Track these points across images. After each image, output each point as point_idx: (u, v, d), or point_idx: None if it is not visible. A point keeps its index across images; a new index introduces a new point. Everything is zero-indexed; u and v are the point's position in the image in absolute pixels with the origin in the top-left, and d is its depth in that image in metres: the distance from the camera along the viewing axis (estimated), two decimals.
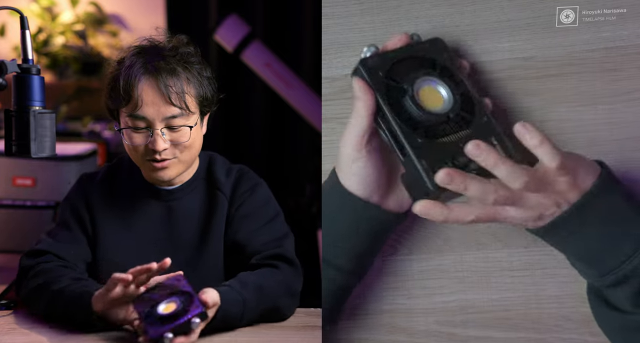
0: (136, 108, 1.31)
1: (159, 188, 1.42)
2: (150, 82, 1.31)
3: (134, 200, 1.43)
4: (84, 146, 2.56)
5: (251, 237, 1.39)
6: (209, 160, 1.47)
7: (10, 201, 2.13)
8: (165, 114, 1.31)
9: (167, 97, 1.30)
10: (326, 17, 1.07)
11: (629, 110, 1.04)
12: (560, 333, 1.04)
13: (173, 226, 1.42)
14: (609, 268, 0.97)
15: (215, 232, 1.41)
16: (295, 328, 1.29)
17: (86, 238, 1.41)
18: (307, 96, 2.55)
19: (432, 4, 1.06)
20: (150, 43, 1.38)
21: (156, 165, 1.34)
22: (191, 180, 1.43)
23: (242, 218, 1.42)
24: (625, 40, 1.02)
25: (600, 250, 0.98)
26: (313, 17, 2.89)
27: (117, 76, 1.33)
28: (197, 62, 1.37)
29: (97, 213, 1.42)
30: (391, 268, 1.11)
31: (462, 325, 1.09)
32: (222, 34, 2.55)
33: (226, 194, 1.42)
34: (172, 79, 1.32)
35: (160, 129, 1.32)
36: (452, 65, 1.02)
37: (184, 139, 1.33)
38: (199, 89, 1.36)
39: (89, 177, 1.47)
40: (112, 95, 1.34)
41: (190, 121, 1.34)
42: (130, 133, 1.33)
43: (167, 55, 1.34)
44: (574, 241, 0.98)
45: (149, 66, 1.32)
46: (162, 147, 1.32)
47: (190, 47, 1.39)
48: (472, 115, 1.00)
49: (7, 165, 2.12)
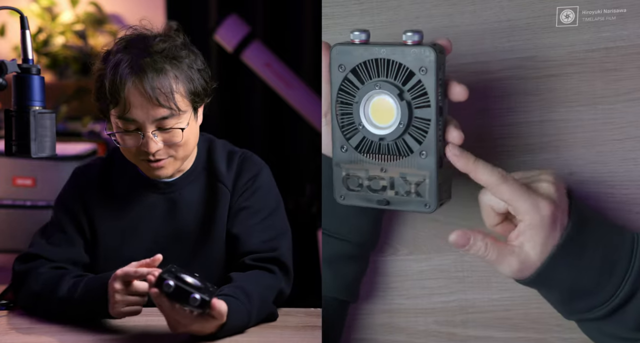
0: (125, 111, 1.27)
1: (157, 181, 1.38)
2: (136, 84, 1.26)
3: (131, 194, 1.39)
4: (84, 146, 2.57)
5: (249, 232, 1.37)
6: (209, 147, 1.42)
7: (10, 201, 2.13)
8: (155, 116, 1.27)
9: (154, 99, 1.26)
10: (326, 17, 1.07)
11: (629, 110, 1.04)
12: (561, 333, 1.04)
13: (175, 219, 1.39)
14: (602, 301, 0.95)
15: (218, 226, 1.38)
16: (295, 328, 1.29)
17: (82, 239, 1.38)
18: (307, 96, 2.55)
19: (432, 4, 1.06)
20: (137, 34, 1.33)
21: (152, 165, 1.31)
22: (191, 171, 1.40)
23: (242, 210, 1.39)
24: (626, 40, 1.02)
25: (589, 283, 0.95)
26: (313, 17, 2.89)
27: (103, 76, 1.28)
28: (186, 54, 1.32)
29: (94, 210, 1.39)
30: (391, 268, 1.11)
31: (462, 325, 1.09)
32: (222, 34, 2.55)
33: (228, 186, 1.39)
34: (159, 78, 1.26)
35: (152, 131, 1.28)
36: (428, 83, 0.93)
37: (177, 139, 1.30)
38: (189, 85, 1.30)
39: (83, 171, 1.43)
40: (99, 95, 1.30)
41: (182, 121, 1.30)
42: (122, 135, 1.30)
43: (154, 51, 1.28)
44: (574, 270, 0.95)
45: (135, 66, 1.26)
46: (155, 148, 1.29)
47: (179, 37, 1.33)
48: (418, 144, 0.95)
49: (7, 165, 2.12)
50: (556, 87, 1.05)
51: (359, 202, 1.00)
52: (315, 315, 1.33)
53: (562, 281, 0.96)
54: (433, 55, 0.92)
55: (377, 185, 0.98)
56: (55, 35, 3.35)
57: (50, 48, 3.34)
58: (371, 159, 0.98)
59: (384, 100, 0.96)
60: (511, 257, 0.95)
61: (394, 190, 0.97)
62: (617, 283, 0.95)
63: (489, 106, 1.06)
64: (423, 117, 0.94)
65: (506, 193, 0.94)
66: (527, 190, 0.94)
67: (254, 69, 2.58)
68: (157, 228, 1.39)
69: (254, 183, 1.40)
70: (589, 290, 0.96)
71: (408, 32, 0.93)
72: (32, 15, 3.29)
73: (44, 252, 1.36)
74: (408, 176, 0.96)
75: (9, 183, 2.19)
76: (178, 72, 1.29)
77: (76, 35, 3.37)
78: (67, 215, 1.39)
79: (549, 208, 0.93)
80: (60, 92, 3.25)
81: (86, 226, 1.39)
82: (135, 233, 1.38)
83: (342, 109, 0.98)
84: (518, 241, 0.95)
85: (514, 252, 0.95)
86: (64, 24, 3.35)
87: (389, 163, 0.97)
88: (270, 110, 2.97)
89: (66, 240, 1.38)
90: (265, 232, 1.38)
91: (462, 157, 0.95)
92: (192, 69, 1.31)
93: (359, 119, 0.97)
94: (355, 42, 0.97)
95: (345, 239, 1.03)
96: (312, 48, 2.90)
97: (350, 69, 0.97)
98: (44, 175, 2.20)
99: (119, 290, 1.21)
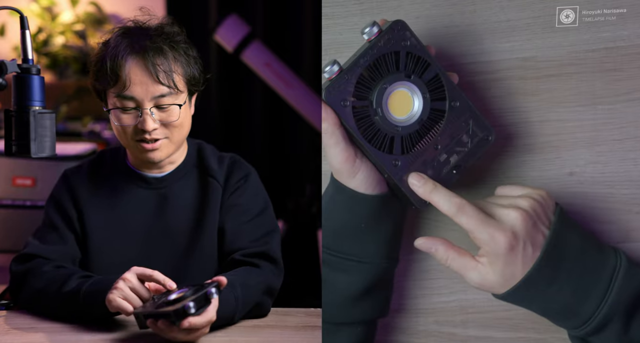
0: (124, 88, 1.30)
1: (147, 176, 1.40)
2: (137, 61, 1.30)
3: (122, 189, 1.41)
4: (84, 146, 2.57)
5: (239, 230, 1.39)
6: (198, 147, 1.46)
7: (10, 201, 2.13)
8: (154, 93, 1.31)
9: (155, 76, 1.30)
10: (326, 17, 1.07)
11: (629, 110, 1.04)
12: (561, 333, 1.04)
13: (166, 215, 1.40)
14: (587, 317, 0.96)
15: (210, 221, 1.40)
16: (295, 328, 1.29)
17: (74, 235, 1.39)
18: (307, 96, 2.56)
19: (432, 4, 1.06)
20: (135, 24, 1.37)
21: (146, 146, 1.33)
22: (181, 167, 1.42)
23: (233, 207, 1.40)
24: (625, 40, 1.02)
25: (572, 301, 0.95)
26: (313, 17, 2.89)
27: (104, 57, 1.32)
28: (183, 41, 1.37)
29: (85, 207, 1.40)
30: None
31: (462, 325, 1.09)
32: (222, 34, 2.55)
33: (220, 182, 1.41)
34: (160, 57, 1.31)
35: (150, 108, 1.31)
36: (417, 50, 0.98)
37: (173, 118, 1.33)
38: (187, 68, 1.35)
39: (73, 171, 1.44)
40: (98, 76, 1.33)
41: (179, 100, 1.33)
42: (119, 114, 1.32)
43: (153, 35, 1.33)
44: (543, 297, 0.96)
45: (136, 46, 1.31)
46: (152, 126, 1.31)
47: (175, 27, 1.38)
48: (443, 102, 0.98)
49: (7, 165, 2.12)
50: (556, 87, 1.05)
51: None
52: (315, 315, 1.33)
53: (531, 305, 0.98)
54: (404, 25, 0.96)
55: (443, 160, 0.99)
56: (55, 35, 3.35)
57: (50, 48, 3.34)
58: (424, 141, 0.99)
59: (397, 93, 0.98)
60: (473, 272, 0.96)
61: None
62: (591, 311, 0.95)
63: (489, 106, 1.06)
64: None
65: (464, 223, 0.95)
66: (484, 221, 0.94)
67: (254, 69, 2.59)
68: (148, 223, 1.39)
69: (246, 182, 1.43)
70: (560, 314, 0.97)
71: (365, 29, 0.96)
72: (32, 15, 3.29)
73: (39, 251, 1.36)
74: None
75: (9, 184, 2.20)
76: (176, 54, 1.34)
77: (76, 35, 3.37)
78: (58, 212, 1.40)
79: (505, 241, 0.93)
80: (60, 92, 3.25)
81: (76, 221, 1.40)
82: (125, 227, 1.39)
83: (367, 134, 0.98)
84: (481, 260, 0.96)
85: (476, 268, 0.96)
86: (64, 24, 3.36)
87: (433, 133, 0.98)
88: (270, 110, 2.97)
89: (59, 238, 1.39)
90: (255, 230, 1.40)
91: (422, 187, 0.96)
92: (188, 55, 1.36)
93: (389, 129, 0.97)
94: (333, 76, 0.96)
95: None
96: (312, 48, 2.90)
97: (351, 99, 0.96)
98: (44, 175, 2.20)
99: (126, 279, 1.21)
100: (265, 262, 1.36)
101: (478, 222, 0.94)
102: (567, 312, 0.97)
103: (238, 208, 1.41)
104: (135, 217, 1.39)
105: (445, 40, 1.05)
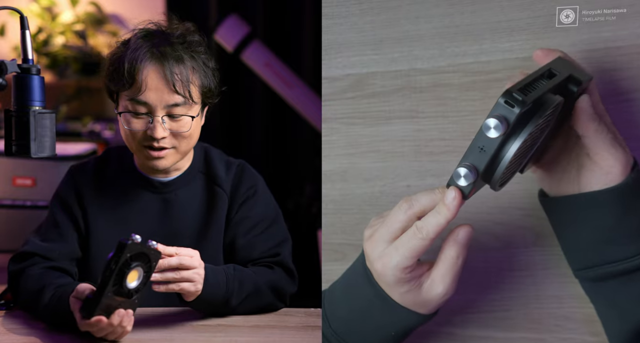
0: (138, 92, 1.29)
1: (153, 180, 1.39)
2: (156, 67, 1.29)
3: (127, 191, 1.40)
4: (84, 146, 2.57)
5: (251, 243, 1.39)
6: (205, 152, 1.44)
7: (10, 201, 2.13)
8: (168, 101, 1.29)
9: (171, 84, 1.28)
10: (326, 17, 1.07)
11: (629, 110, 1.04)
12: (561, 333, 1.04)
13: (170, 220, 1.39)
14: (630, 254, 0.93)
15: (215, 228, 1.39)
16: (295, 328, 1.29)
17: (77, 234, 1.39)
18: (307, 96, 2.56)
19: (432, 4, 1.06)
20: (157, 27, 1.35)
21: (152, 153, 1.32)
22: (187, 172, 1.41)
23: (243, 220, 1.40)
24: (625, 40, 1.02)
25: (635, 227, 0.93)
26: (313, 17, 2.89)
27: (122, 58, 1.30)
28: (203, 51, 1.35)
29: (89, 205, 1.39)
30: None
31: (462, 325, 1.09)
32: (222, 34, 2.56)
33: (227, 191, 1.40)
34: (179, 66, 1.29)
35: (161, 116, 1.29)
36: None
37: (184, 128, 1.31)
38: (204, 80, 1.33)
39: (79, 168, 1.43)
40: (114, 76, 1.31)
41: (192, 111, 1.32)
42: (130, 117, 1.31)
43: (175, 42, 1.32)
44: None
45: (156, 51, 1.29)
46: (161, 134, 1.30)
47: (197, 36, 1.36)
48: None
49: (7, 165, 2.12)
50: None
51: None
52: (315, 315, 1.34)
53: (629, 210, 0.93)
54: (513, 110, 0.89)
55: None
56: (55, 35, 3.35)
57: (50, 48, 3.34)
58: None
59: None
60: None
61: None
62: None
63: (489, 106, 1.06)
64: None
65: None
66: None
67: (254, 69, 2.59)
68: (151, 227, 1.39)
69: (255, 193, 1.42)
70: (628, 236, 0.93)
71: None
72: (32, 15, 3.29)
73: (38, 250, 1.35)
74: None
75: (9, 184, 2.20)
76: (195, 64, 1.32)
77: (76, 35, 3.37)
78: (62, 210, 1.39)
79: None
80: (60, 92, 3.25)
81: (81, 220, 1.39)
82: (128, 230, 1.38)
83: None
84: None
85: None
86: (64, 24, 3.36)
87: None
88: (270, 110, 2.98)
89: (60, 235, 1.38)
90: (267, 241, 1.40)
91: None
92: (207, 66, 1.34)
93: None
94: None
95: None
96: (312, 48, 2.90)
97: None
98: (44, 175, 2.20)
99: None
100: (279, 267, 1.37)
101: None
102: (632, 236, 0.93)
103: (248, 222, 1.40)
104: (137, 219, 1.39)
105: (445, 40, 1.05)
